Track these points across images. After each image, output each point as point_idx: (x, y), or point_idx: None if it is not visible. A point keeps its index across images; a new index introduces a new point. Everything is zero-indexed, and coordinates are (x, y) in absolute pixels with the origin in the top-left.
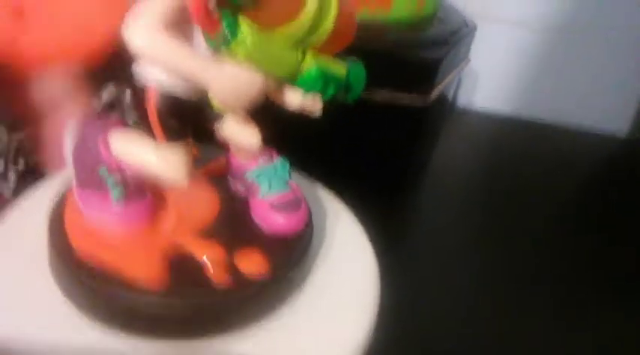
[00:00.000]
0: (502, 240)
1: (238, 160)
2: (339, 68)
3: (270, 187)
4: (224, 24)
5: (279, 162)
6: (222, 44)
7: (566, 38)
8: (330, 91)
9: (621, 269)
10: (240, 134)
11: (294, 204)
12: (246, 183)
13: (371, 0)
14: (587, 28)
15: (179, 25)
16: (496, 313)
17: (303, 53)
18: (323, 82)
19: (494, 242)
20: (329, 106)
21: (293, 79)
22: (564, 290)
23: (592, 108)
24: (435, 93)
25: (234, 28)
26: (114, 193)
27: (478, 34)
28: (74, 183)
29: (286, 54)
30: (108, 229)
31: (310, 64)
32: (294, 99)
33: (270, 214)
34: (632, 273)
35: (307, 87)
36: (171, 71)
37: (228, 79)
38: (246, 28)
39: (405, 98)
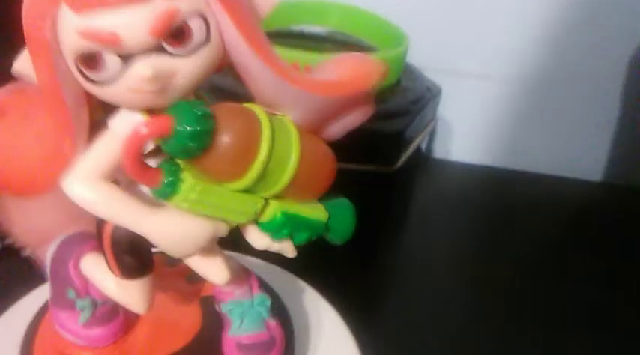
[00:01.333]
0: (487, 295)
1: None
2: (314, 212)
3: (241, 324)
4: (164, 177)
5: (258, 298)
6: (163, 197)
7: (537, 88)
8: (303, 236)
9: (608, 312)
10: (205, 269)
11: (265, 346)
12: (221, 313)
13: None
14: (556, 78)
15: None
16: None
17: (265, 199)
18: (290, 227)
19: (479, 298)
20: None
21: (253, 223)
22: (551, 339)
23: (566, 155)
24: (401, 160)
25: (175, 182)
26: (81, 315)
27: (450, 88)
28: (49, 297)
29: (240, 202)
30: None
31: (274, 209)
32: (260, 240)
33: (235, 354)
34: (620, 315)
35: (272, 232)
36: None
37: (170, 231)
38: (189, 180)
39: (371, 168)
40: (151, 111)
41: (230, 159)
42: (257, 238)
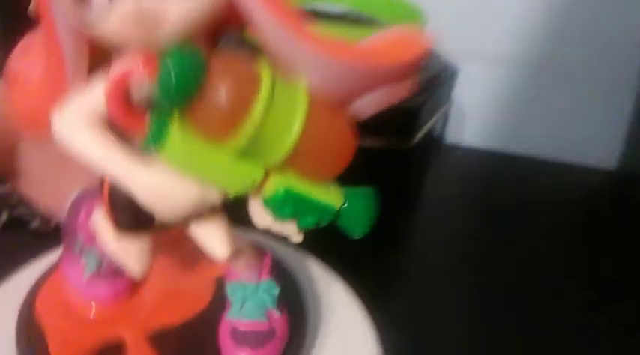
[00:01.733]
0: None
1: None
2: (325, 195)
3: (241, 309)
4: (150, 126)
5: (264, 284)
6: (147, 148)
7: (551, 72)
8: (310, 220)
9: (618, 305)
10: (205, 240)
11: (261, 337)
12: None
13: None
14: (570, 62)
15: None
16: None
17: (265, 170)
18: (293, 207)
19: (491, 281)
20: None
21: (256, 197)
22: (562, 332)
23: (579, 141)
24: (417, 137)
25: (160, 133)
26: (86, 267)
27: (463, 72)
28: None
29: (234, 169)
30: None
31: (276, 184)
32: (262, 218)
33: (228, 340)
34: (631, 309)
35: (274, 210)
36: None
37: (154, 187)
38: (177, 133)
39: (387, 144)
40: (144, 51)
41: (219, 113)
42: (259, 215)
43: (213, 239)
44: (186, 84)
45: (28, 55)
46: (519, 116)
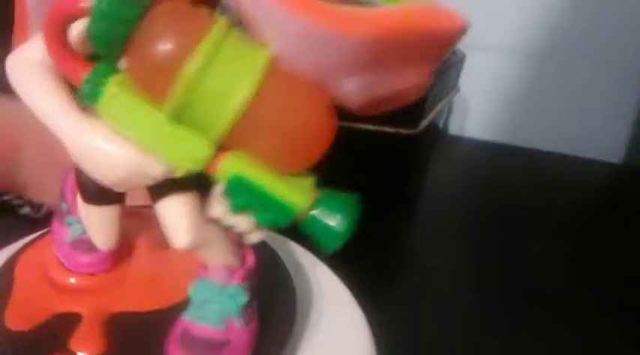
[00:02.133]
0: (498, 272)
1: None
2: (291, 192)
3: (198, 311)
4: (89, 74)
5: (231, 289)
6: (83, 96)
7: (556, 64)
8: (266, 217)
9: (625, 303)
10: (167, 225)
11: (211, 347)
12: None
13: None
14: (576, 53)
15: None
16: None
17: (218, 148)
18: (248, 198)
19: (491, 274)
20: None
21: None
22: (566, 329)
23: (585, 135)
24: (423, 123)
25: (97, 82)
26: (71, 231)
27: (468, 63)
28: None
29: (177, 137)
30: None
31: (228, 166)
32: (213, 207)
33: (175, 340)
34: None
35: (229, 198)
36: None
37: (89, 149)
38: (113, 85)
39: (392, 129)
40: None
41: (155, 64)
42: (212, 202)
43: (176, 224)
44: (120, 15)
45: None
46: (524, 108)
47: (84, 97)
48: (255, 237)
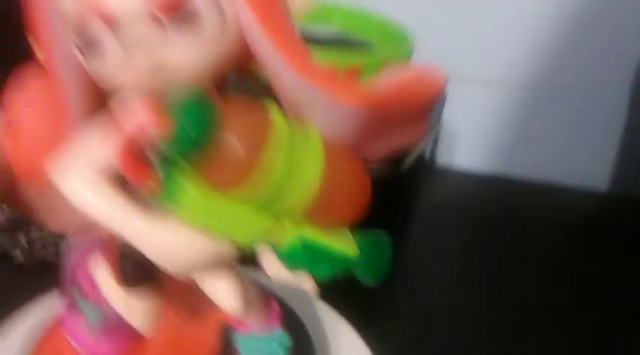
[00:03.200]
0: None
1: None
2: (340, 244)
3: None
4: (161, 179)
5: (277, 336)
6: (159, 201)
7: (542, 95)
8: (324, 271)
9: (619, 330)
10: (216, 293)
11: None
12: (234, 344)
13: None
14: (561, 85)
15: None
16: None
17: (279, 220)
18: (309, 258)
19: (485, 308)
20: None
21: (265, 246)
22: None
23: (571, 164)
24: (407, 161)
25: (174, 188)
26: (88, 320)
27: (454, 94)
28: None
29: (249, 220)
30: None
31: (291, 235)
32: (276, 270)
33: None
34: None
35: (288, 262)
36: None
37: (167, 247)
38: (191, 188)
39: (376, 170)
40: (153, 99)
41: (232, 164)
42: (274, 267)
43: (223, 291)
44: (203, 138)
45: (25, 97)
46: (510, 138)
47: (162, 202)
48: (313, 291)
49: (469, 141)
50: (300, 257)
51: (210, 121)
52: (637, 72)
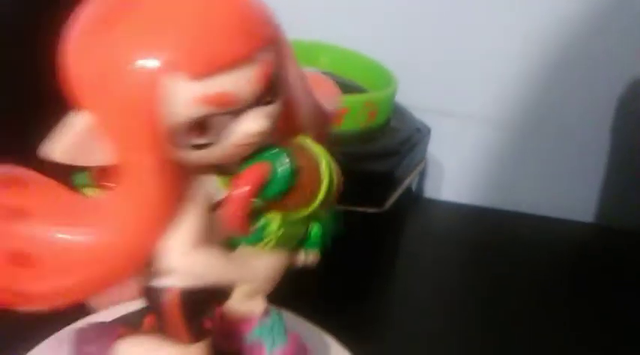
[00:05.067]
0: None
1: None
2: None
3: (274, 343)
4: (255, 223)
5: (274, 314)
6: (255, 241)
7: (527, 129)
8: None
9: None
10: (246, 304)
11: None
12: (244, 345)
13: None
14: (546, 119)
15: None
16: None
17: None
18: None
19: (477, 340)
20: None
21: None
22: None
23: (556, 196)
24: (390, 201)
25: (264, 225)
26: None
27: (440, 128)
28: None
29: (301, 230)
30: None
31: (315, 226)
32: (301, 257)
33: None
34: None
35: (314, 245)
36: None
37: (262, 272)
38: (275, 220)
39: (360, 209)
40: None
41: (307, 191)
42: (299, 258)
43: (252, 301)
44: (294, 174)
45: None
46: (496, 172)
47: (255, 240)
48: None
49: (454, 175)
50: (321, 237)
51: (292, 158)
52: (616, 111)
